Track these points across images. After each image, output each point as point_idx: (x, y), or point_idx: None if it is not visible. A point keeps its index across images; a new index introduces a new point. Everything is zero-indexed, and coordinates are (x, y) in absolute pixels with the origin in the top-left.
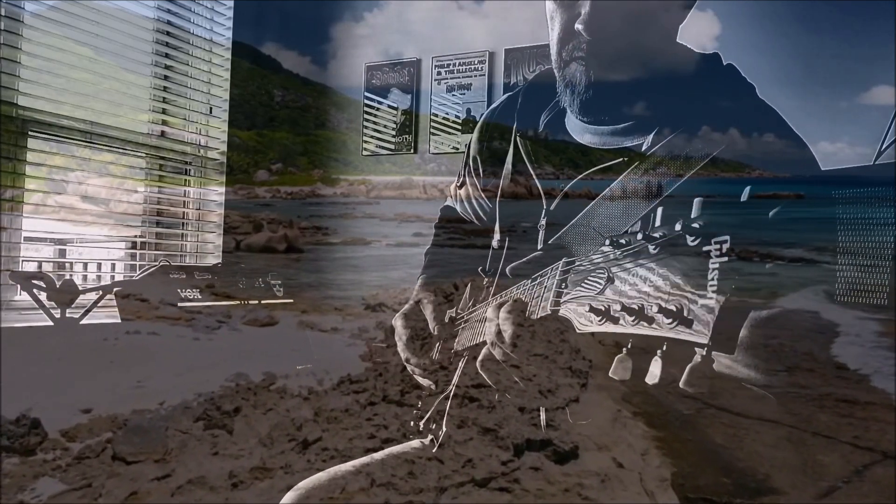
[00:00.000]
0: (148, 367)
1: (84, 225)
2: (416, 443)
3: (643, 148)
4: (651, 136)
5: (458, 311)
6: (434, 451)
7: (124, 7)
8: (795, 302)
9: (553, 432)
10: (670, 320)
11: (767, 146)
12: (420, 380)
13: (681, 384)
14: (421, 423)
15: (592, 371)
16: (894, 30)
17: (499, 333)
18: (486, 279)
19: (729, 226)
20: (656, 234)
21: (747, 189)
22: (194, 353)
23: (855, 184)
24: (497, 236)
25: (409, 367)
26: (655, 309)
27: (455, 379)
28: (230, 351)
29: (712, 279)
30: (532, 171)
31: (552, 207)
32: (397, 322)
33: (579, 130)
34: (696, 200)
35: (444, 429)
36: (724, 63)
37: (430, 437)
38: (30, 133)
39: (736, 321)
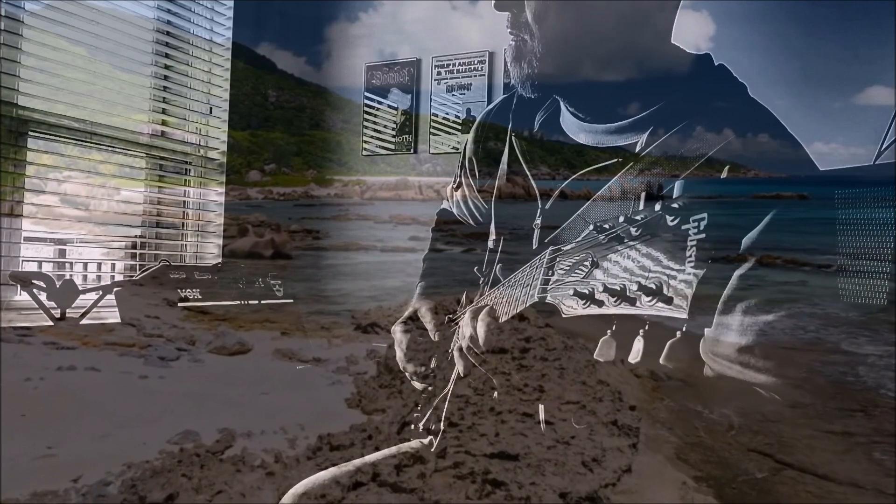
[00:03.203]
0: (69, 424)
1: (70, 226)
2: (415, 443)
3: (637, 148)
4: (645, 135)
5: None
6: (433, 449)
7: (124, 7)
8: (839, 321)
9: None
10: (650, 298)
11: (762, 146)
12: (417, 384)
13: (661, 360)
14: (420, 424)
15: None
16: (894, 30)
17: (472, 338)
18: (481, 279)
19: (733, 226)
20: (637, 217)
21: (771, 213)
22: (137, 398)
23: (856, 184)
24: (493, 236)
25: (407, 375)
26: (635, 287)
27: (452, 379)
28: (183, 395)
29: (690, 255)
30: (528, 172)
31: (547, 206)
32: (396, 330)
33: (574, 129)
34: (678, 183)
35: (443, 427)
36: (716, 63)
37: (429, 437)
38: (30, 133)
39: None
